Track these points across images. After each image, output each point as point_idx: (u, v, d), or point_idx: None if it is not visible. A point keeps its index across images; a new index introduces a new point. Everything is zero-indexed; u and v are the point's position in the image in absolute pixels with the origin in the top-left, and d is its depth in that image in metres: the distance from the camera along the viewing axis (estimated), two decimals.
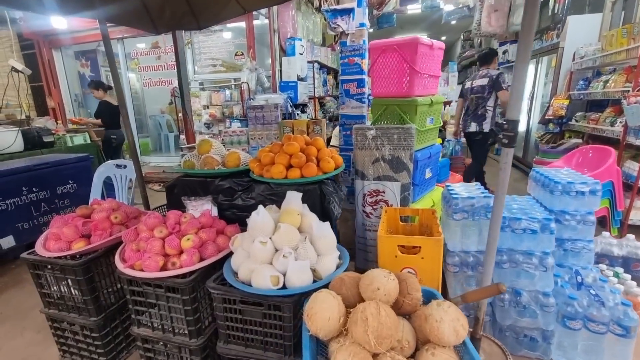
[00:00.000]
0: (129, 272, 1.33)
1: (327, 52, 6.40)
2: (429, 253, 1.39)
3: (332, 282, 1.19)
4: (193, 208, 1.82)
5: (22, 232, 2.93)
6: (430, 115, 2.08)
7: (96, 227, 1.56)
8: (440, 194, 2.32)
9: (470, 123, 3.81)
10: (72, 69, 6.72)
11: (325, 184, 1.76)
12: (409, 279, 1.14)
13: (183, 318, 1.37)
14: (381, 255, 1.46)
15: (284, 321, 1.23)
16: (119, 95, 1.98)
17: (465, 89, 3.95)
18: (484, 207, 1.51)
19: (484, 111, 3.71)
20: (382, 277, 1.07)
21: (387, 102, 1.97)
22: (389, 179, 1.90)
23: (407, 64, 1.81)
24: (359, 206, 2.02)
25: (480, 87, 3.67)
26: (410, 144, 1.83)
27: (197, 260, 1.37)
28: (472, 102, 3.80)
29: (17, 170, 2.91)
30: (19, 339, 1.92)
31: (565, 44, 4.14)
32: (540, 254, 1.45)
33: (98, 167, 2.49)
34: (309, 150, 1.76)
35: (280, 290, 1.18)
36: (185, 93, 2.84)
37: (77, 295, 1.54)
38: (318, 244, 1.32)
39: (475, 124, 3.75)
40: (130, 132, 2.03)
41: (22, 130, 3.62)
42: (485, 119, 3.71)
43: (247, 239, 1.36)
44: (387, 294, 1.05)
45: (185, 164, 1.93)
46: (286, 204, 1.46)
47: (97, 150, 4.24)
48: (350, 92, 2.41)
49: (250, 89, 4.75)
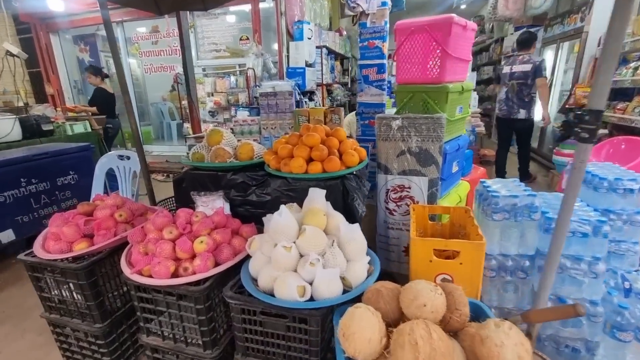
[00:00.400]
0: (137, 278, 1.20)
1: (335, 36, 6.14)
2: (469, 258, 1.25)
3: (366, 294, 1.06)
4: (203, 204, 1.68)
5: (22, 226, 2.81)
6: (460, 104, 1.91)
7: (99, 226, 1.42)
8: (465, 189, 2.18)
9: (518, 110, 3.77)
10: (71, 54, 6.50)
11: (348, 179, 1.60)
12: (456, 292, 1.00)
13: (197, 328, 1.24)
14: (414, 260, 1.32)
15: (310, 335, 1.11)
16: (121, 81, 1.82)
17: (503, 74, 3.89)
18: (528, 206, 1.36)
19: (530, 98, 3.68)
20: (429, 292, 0.93)
21: (414, 89, 1.79)
22: (415, 174, 1.75)
23: (438, 47, 1.63)
24: (381, 202, 1.88)
25: (522, 72, 3.62)
26: (440, 136, 1.67)
27: (212, 265, 1.23)
28: (512, 88, 3.75)
29: (15, 160, 2.76)
30: (20, 342, 1.82)
31: (591, 28, 3.90)
32: (591, 259, 1.31)
33: (100, 158, 2.34)
34: (330, 141, 1.60)
35: (308, 303, 1.05)
36: (191, 79, 2.66)
37: (80, 300, 1.42)
38: (347, 249, 1.18)
39: (524, 111, 3.72)
40: (134, 121, 1.87)
41: (20, 118, 3.46)
42: (532, 106, 3.71)
43: (267, 242, 1.22)
44: (435, 311, 0.92)
45: (194, 156, 1.77)
46: (309, 203, 1.32)
47: (98, 140, 4.08)
48: (370, 79, 2.23)
49: (256, 76, 4.55)
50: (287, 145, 1.60)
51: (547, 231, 1.33)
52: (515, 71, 3.70)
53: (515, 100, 3.77)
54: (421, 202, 1.77)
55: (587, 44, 3.96)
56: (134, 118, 1.89)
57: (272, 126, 2.13)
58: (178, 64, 5.56)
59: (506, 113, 3.93)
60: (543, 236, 1.36)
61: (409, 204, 1.80)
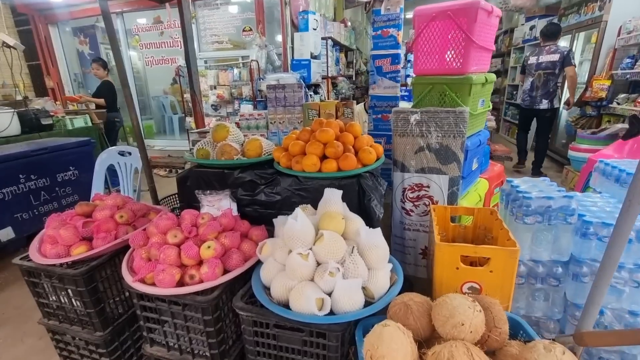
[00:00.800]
0: (140, 287, 1.10)
1: (340, 27, 5.97)
2: (501, 266, 1.14)
3: (392, 308, 0.96)
4: (209, 204, 1.57)
5: (22, 223, 2.73)
6: (482, 96, 1.79)
7: (99, 229, 1.33)
8: (484, 188, 2.07)
9: (541, 100, 3.88)
10: (71, 46, 6.37)
11: (364, 178, 1.50)
12: (494, 307, 0.90)
13: (205, 340, 1.15)
14: (439, 267, 1.21)
15: (329, 351, 1.01)
16: (122, 75, 1.71)
17: (529, 65, 3.97)
18: (563, 209, 1.25)
19: (555, 87, 3.79)
20: (467, 309, 0.83)
21: (434, 81, 1.67)
22: (435, 172, 1.63)
23: (462, 34, 1.51)
24: (397, 202, 1.77)
25: (550, 62, 3.71)
26: (462, 131, 1.55)
27: (221, 272, 1.13)
28: (539, 78, 3.85)
29: (14, 156, 2.67)
30: (20, 346, 1.74)
31: (610, 17, 3.73)
32: (633, 267, 1.20)
33: (100, 154, 2.24)
34: (345, 137, 1.49)
35: (328, 318, 0.95)
36: (194, 71, 2.54)
37: (80, 307, 1.32)
38: (368, 256, 1.08)
39: (546, 101, 3.84)
40: (135, 115, 1.76)
41: (19, 112, 3.36)
42: (555, 95, 3.83)
43: (281, 247, 1.12)
44: (474, 330, 0.81)
45: (198, 152, 1.67)
46: (325, 205, 1.21)
47: (99, 134, 3.99)
48: (383, 70, 2.11)
49: (260, 68, 4.42)
50: (299, 142, 1.49)
51: (584, 236, 1.23)
52: (543, 61, 3.78)
53: (540, 90, 3.87)
54: (441, 202, 1.67)
55: (606, 34, 3.79)
56: (135, 112, 1.78)
57: (280, 120, 2.02)
58: (180, 56, 5.43)
59: (529, 103, 4.03)
60: (579, 241, 1.25)
61: (427, 203, 1.69)
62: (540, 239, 1.30)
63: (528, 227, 1.29)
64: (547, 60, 3.72)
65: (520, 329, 0.97)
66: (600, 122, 3.80)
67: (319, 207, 1.25)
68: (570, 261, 1.30)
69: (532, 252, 1.32)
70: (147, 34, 5.77)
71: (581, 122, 3.98)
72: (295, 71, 4.47)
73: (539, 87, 3.82)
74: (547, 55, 3.73)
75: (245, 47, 5.08)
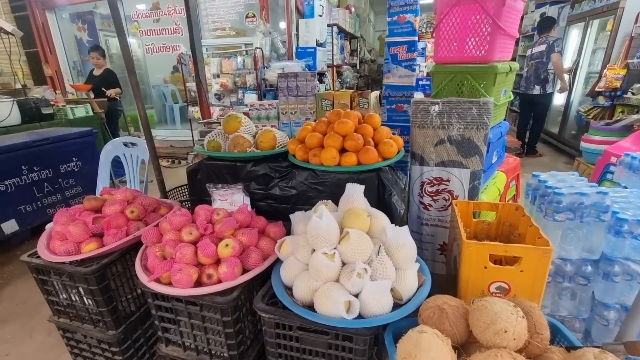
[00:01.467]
0: (155, 287, 1.05)
1: (345, 14, 5.81)
2: (532, 266, 1.09)
3: (426, 312, 0.91)
4: (221, 198, 1.52)
5: (26, 215, 2.68)
6: (505, 86, 1.71)
7: (109, 225, 1.27)
8: (503, 181, 2.01)
9: (534, 86, 4.33)
10: (69, 33, 6.21)
11: (384, 172, 1.44)
12: (534, 312, 0.85)
13: (223, 341, 1.11)
14: (465, 266, 1.16)
15: (356, 354, 0.97)
16: (128, 62, 1.62)
17: (527, 56, 4.49)
18: (597, 205, 1.20)
19: (546, 75, 4.20)
20: (510, 315, 0.78)
21: (456, 70, 1.59)
22: (456, 165, 1.57)
23: (489, 19, 1.42)
24: (415, 196, 1.71)
25: (539, 52, 4.15)
26: (486, 123, 1.48)
27: (240, 272, 1.08)
28: (531, 67, 4.34)
29: (15, 146, 2.60)
30: (28, 343, 1.71)
31: (627, 3, 3.61)
32: None
33: (105, 146, 2.17)
34: (364, 129, 1.43)
35: (357, 322, 0.90)
36: (199, 58, 2.44)
37: (91, 305, 1.28)
38: (396, 255, 1.03)
39: (539, 87, 4.27)
40: (142, 106, 1.69)
41: (18, 101, 3.27)
42: (547, 82, 4.25)
43: (303, 247, 1.07)
44: (517, 338, 0.77)
45: (209, 144, 1.60)
46: (348, 201, 1.16)
47: (101, 124, 3.90)
48: (399, 58, 2.02)
49: (264, 56, 4.30)
50: (316, 134, 1.42)
51: (618, 234, 1.17)
52: (535, 52, 4.25)
53: (532, 77, 4.34)
54: (461, 197, 1.61)
55: (623, 21, 3.67)
56: (142, 102, 1.70)
57: (292, 111, 1.94)
58: (181, 43, 5.29)
59: (524, 89, 4.57)
60: (612, 239, 1.20)
61: (447, 198, 1.64)
62: (570, 237, 1.25)
63: (558, 225, 1.24)
64: (537, 51, 4.19)
65: (557, 333, 0.93)
66: (614, 113, 3.71)
67: (341, 202, 1.19)
68: (601, 259, 1.25)
69: (561, 250, 1.27)
70: (146, 21, 5.61)
71: (593, 112, 3.89)
72: (301, 59, 4.36)
73: (531, 75, 4.33)
74: (537, 47, 4.20)
75: (246, 35, 4.94)
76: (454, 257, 1.37)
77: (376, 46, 10.70)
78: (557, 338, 0.92)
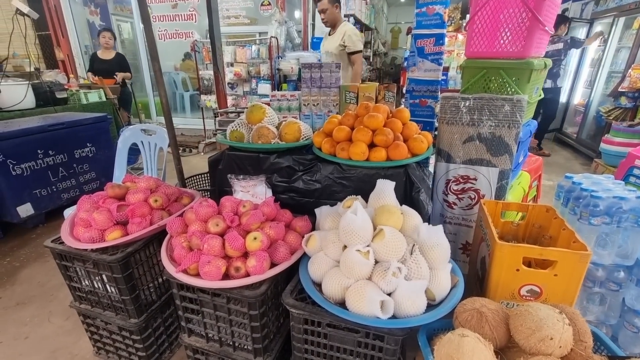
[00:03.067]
0: (184, 278, 1.04)
1: (361, 5, 5.70)
2: (568, 270, 1.06)
3: (463, 315, 0.88)
4: (242, 189, 1.50)
5: (41, 199, 2.69)
6: (537, 83, 1.65)
7: (133, 213, 1.26)
8: (527, 181, 1.96)
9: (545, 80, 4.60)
10: (81, 17, 6.16)
11: (412, 168, 1.41)
12: (577, 319, 0.83)
13: (249, 334, 1.10)
14: (496, 268, 1.14)
15: (386, 354, 0.95)
16: (152, 48, 1.59)
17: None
18: (636, 210, 1.16)
19: (559, 69, 4.31)
20: (556, 322, 0.75)
21: (489, 65, 1.53)
22: (484, 164, 1.53)
23: (529, 13, 1.36)
24: (439, 194, 1.68)
25: (555, 51, 4.21)
26: (518, 121, 1.44)
27: (268, 266, 1.06)
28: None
29: (31, 130, 2.60)
30: (47, 326, 1.72)
31: None
32: None
33: (123, 132, 2.15)
34: (393, 124, 1.39)
35: (392, 322, 0.88)
36: (218, 46, 2.40)
37: (114, 293, 1.28)
38: (430, 255, 1.00)
39: (550, 81, 4.34)
40: (165, 92, 1.66)
41: (33, 85, 3.26)
42: (559, 76, 4.37)
43: (334, 242, 1.04)
44: (564, 345, 0.74)
45: (232, 134, 1.58)
46: (379, 198, 1.13)
47: (113, 110, 3.88)
48: (425, 51, 1.96)
49: (279, 45, 4.23)
50: (344, 127, 1.39)
51: None
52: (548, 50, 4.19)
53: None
54: (487, 196, 1.57)
55: None
56: (164, 89, 1.67)
57: (315, 102, 1.90)
58: (195, 30, 5.23)
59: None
60: None
61: (472, 197, 1.60)
62: (605, 241, 1.21)
63: (593, 229, 1.20)
64: (552, 49, 4.22)
65: (597, 340, 0.91)
66: (636, 115, 3.62)
67: (371, 199, 1.16)
68: (635, 266, 1.21)
69: (594, 255, 1.24)
70: (159, 6, 5.55)
71: (614, 113, 3.79)
72: (316, 50, 4.28)
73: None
74: (551, 45, 4.22)
75: (257, 23, 4.86)
76: (481, 257, 1.35)
77: (388, 39, 10.51)
78: (595, 345, 0.90)
